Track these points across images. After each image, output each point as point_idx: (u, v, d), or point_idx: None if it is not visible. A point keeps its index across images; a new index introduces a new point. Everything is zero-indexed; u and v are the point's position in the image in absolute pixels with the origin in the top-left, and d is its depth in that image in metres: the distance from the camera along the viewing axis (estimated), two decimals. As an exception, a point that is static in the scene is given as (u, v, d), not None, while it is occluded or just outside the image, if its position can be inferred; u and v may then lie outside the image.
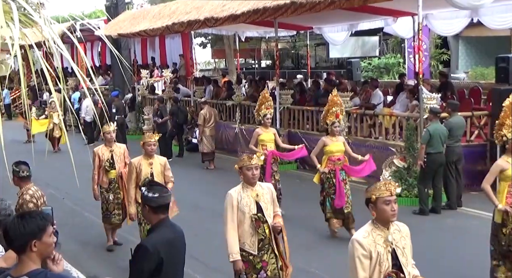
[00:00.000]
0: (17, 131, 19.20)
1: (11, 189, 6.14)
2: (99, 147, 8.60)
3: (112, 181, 8.45)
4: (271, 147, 9.91)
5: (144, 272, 3.81)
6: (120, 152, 8.50)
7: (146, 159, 7.29)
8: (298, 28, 18.88)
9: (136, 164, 7.26)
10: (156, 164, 7.30)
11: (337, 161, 8.64)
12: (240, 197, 5.17)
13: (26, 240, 3.09)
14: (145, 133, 7.60)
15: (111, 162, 8.37)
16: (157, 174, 7.21)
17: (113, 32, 18.68)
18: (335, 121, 8.68)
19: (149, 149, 7.28)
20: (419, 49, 11.35)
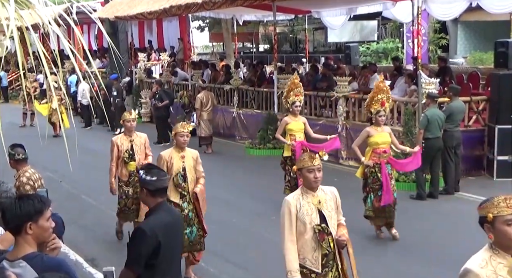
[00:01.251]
0: (14, 114, 19.14)
1: (11, 172, 6.12)
2: (118, 136, 7.90)
3: (131, 174, 7.71)
4: (300, 137, 9.19)
5: (141, 255, 3.81)
6: (141, 142, 7.77)
7: (178, 152, 6.44)
8: (296, 12, 18.76)
9: (167, 158, 6.40)
10: (188, 158, 6.47)
11: (382, 154, 7.87)
12: (300, 204, 4.36)
13: (21, 221, 3.08)
14: (177, 123, 6.68)
15: (130, 152, 7.68)
16: (189, 169, 6.44)
17: (110, 15, 18.53)
18: (380, 110, 7.88)
19: (182, 140, 6.42)
20: (418, 33, 11.30)
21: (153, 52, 24.06)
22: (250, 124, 15.30)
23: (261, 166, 12.62)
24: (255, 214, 9.36)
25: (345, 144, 12.50)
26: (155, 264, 3.86)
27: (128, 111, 7.90)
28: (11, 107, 21.58)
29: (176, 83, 18.71)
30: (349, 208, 8.81)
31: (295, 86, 9.39)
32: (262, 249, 7.76)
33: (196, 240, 6.53)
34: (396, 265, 7.18)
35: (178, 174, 6.37)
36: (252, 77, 16.70)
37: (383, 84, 8.15)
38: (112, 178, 7.80)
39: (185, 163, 6.43)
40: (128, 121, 7.72)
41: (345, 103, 12.60)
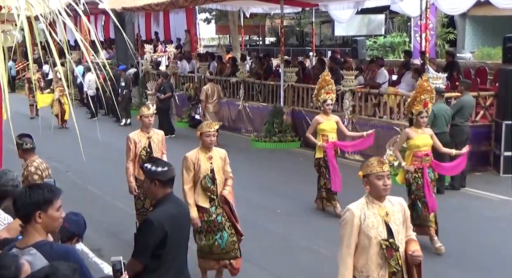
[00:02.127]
0: (20, 104, 19.18)
1: (18, 161, 6.14)
2: (135, 132, 7.36)
3: None
4: (333, 137, 8.69)
5: (149, 245, 3.83)
6: (158, 139, 7.32)
7: (205, 152, 5.88)
8: (303, 5, 18.68)
9: (194, 159, 5.84)
10: (216, 158, 5.92)
11: (424, 157, 7.35)
12: (364, 215, 3.92)
13: (31, 210, 3.12)
14: (203, 122, 6.14)
15: (148, 150, 7.19)
16: (217, 170, 5.90)
17: (117, 6, 18.50)
18: (422, 111, 7.38)
19: (208, 140, 5.86)
20: (426, 28, 11.24)
21: (160, 44, 24.04)
22: (256, 117, 15.29)
23: (267, 159, 12.62)
24: (260, 206, 9.37)
25: (352, 138, 12.45)
26: (162, 255, 3.87)
27: (146, 106, 7.37)
28: (18, 97, 21.61)
29: (183, 75, 18.71)
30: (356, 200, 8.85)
31: (326, 83, 8.86)
32: (266, 241, 7.78)
33: (229, 246, 5.99)
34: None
35: (206, 176, 5.84)
36: (259, 70, 16.67)
37: (427, 84, 7.60)
38: (131, 177, 7.23)
39: (213, 164, 5.89)
40: (146, 116, 7.23)
41: (351, 97, 12.57)
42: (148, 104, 7.43)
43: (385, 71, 13.88)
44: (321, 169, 8.75)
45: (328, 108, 8.73)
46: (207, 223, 5.89)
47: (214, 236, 5.92)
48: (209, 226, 5.90)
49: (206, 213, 5.88)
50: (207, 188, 5.85)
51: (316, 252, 7.35)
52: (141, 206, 7.24)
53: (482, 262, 6.97)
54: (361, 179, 4.06)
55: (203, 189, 5.86)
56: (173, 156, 11.59)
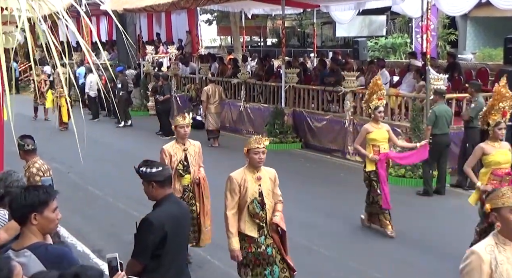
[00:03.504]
0: (24, 106, 19.20)
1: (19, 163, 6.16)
2: (170, 144, 6.67)
3: (185, 189, 6.63)
4: (385, 148, 7.88)
5: (148, 245, 3.84)
6: (195, 151, 6.65)
7: (252, 172, 5.10)
8: (305, 6, 18.70)
9: (240, 180, 5.05)
10: (265, 179, 5.15)
11: (505, 176, 6.45)
12: (496, 261, 3.16)
13: (26, 211, 3.12)
14: (250, 139, 5.19)
15: (185, 164, 6.55)
16: (267, 193, 5.11)
17: (118, 7, 18.53)
18: (501, 121, 6.62)
19: (257, 158, 5.04)
20: (427, 29, 11.24)
21: (161, 45, 24.09)
22: (257, 118, 15.30)
23: (268, 160, 12.58)
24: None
25: (353, 139, 12.48)
26: (162, 255, 3.88)
27: (182, 115, 6.67)
28: (21, 98, 21.65)
29: (184, 76, 18.73)
30: (355, 203, 8.85)
31: (378, 88, 8.12)
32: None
33: None
34: (403, 260, 7.18)
35: (254, 201, 5.05)
36: (260, 71, 16.68)
37: (506, 90, 6.80)
38: None
39: (262, 186, 5.10)
40: (182, 127, 6.55)
41: (352, 98, 12.57)
42: (184, 113, 6.95)
43: (386, 72, 13.90)
44: (372, 183, 7.84)
45: (380, 116, 7.95)
46: (255, 255, 5.11)
47: (263, 271, 5.13)
48: (257, 259, 5.12)
49: (254, 244, 5.10)
50: (255, 214, 5.07)
51: (316, 252, 7.36)
52: None
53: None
54: (363, 183, 4.00)
55: (251, 215, 5.07)
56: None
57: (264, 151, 5.12)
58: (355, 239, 7.92)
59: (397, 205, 9.39)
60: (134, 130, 16.78)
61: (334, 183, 10.83)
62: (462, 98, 11.17)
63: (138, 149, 13.32)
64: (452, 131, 10.37)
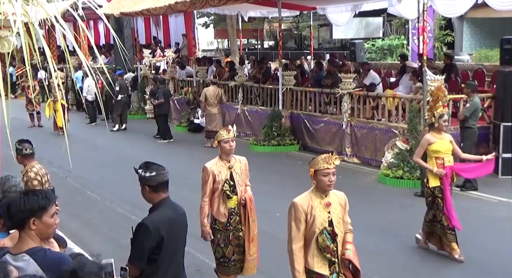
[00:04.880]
0: (20, 110, 19.17)
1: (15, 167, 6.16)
2: (212, 162, 5.77)
3: (232, 212, 5.77)
4: (450, 160, 7.13)
5: (145, 249, 3.84)
6: (241, 169, 5.81)
7: (320, 197, 4.35)
8: (301, 9, 18.73)
9: (306, 207, 4.31)
10: (335, 205, 4.39)
11: None
12: None
13: (25, 216, 3.11)
14: (318, 157, 4.45)
15: (231, 183, 5.71)
16: (337, 222, 4.36)
17: (115, 11, 18.54)
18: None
19: (327, 181, 4.29)
20: (424, 30, 11.26)
21: (158, 48, 24.10)
22: (254, 121, 15.31)
23: (266, 162, 12.62)
24: (259, 210, 9.30)
25: (350, 141, 12.50)
26: (158, 259, 3.88)
27: (225, 128, 5.81)
28: (18, 103, 21.61)
29: (181, 80, 18.74)
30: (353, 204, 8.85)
31: (442, 94, 7.56)
32: (265, 244, 7.76)
33: None
34: (400, 260, 7.19)
35: (324, 231, 4.28)
36: (257, 74, 16.70)
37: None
38: (205, 218, 5.74)
39: (332, 214, 4.35)
40: (226, 141, 5.67)
41: (349, 100, 12.59)
42: (227, 126, 5.94)
43: (374, 73, 13.92)
44: (437, 200, 7.12)
45: (444, 125, 7.19)
46: None
47: None
48: None
49: None
50: (325, 247, 4.28)
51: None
52: (221, 254, 5.78)
53: (481, 263, 6.98)
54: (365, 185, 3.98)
55: (320, 249, 4.29)
56: (173, 161, 11.67)
57: (335, 172, 4.33)
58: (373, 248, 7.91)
59: (395, 206, 9.41)
60: (132, 134, 16.78)
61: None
62: (458, 99, 11.19)
63: (136, 152, 13.31)
64: (449, 132, 10.36)
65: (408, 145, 10.74)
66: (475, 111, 10.07)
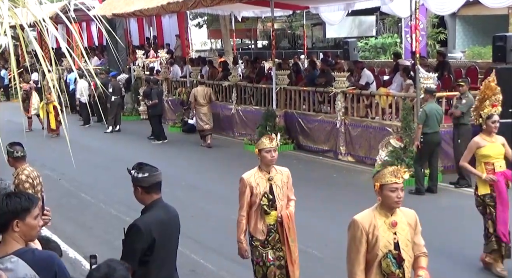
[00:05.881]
0: (14, 113, 19.10)
1: (6, 170, 6.13)
2: (250, 172, 5.25)
3: (271, 229, 5.20)
4: (501, 166, 6.42)
5: (136, 251, 3.81)
6: (283, 181, 5.25)
7: (385, 216, 3.88)
8: (294, 8, 18.74)
9: (367, 226, 3.83)
10: (402, 225, 3.89)
11: None
12: None
13: (7, 218, 3.08)
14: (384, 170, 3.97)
15: (270, 197, 5.15)
16: (405, 244, 3.85)
17: (107, 12, 18.49)
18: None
19: (394, 197, 3.82)
20: (416, 28, 11.28)
21: (151, 49, 24.06)
22: (248, 121, 15.30)
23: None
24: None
25: (344, 140, 12.50)
26: (150, 261, 3.86)
27: (268, 137, 5.22)
28: (11, 106, 21.56)
29: (175, 80, 18.71)
30: (347, 203, 8.86)
31: (492, 92, 6.86)
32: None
33: None
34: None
35: (388, 255, 3.79)
36: (251, 73, 16.69)
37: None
38: (242, 234, 5.21)
39: (398, 235, 3.84)
40: (268, 151, 5.12)
41: (343, 99, 12.60)
42: (271, 134, 5.38)
43: (367, 71, 13.92)
44: (488, 209, 6.44)
45: (494, 126, 6.44)
46: None
47: None
48: None
49: None
50: (390, 273, 3.79)
51: (310, 254, 7.35)
52: (261, 275, 5.26)
53: (478, 260, 6.99)
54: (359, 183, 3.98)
55: (384, 275, 3.82)
56: (167, 162, 11.64)
57: (403, 187, 3.84)
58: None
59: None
60: (126, 135, 16.74)
61: (326, 183, 10.83)
62: (452, 96, 11.21)
63: (130, 154, 13.27)
64: (443, 129, 10.42)
65: (402, 142, 10.75)
66: (470, 108, 10.09)
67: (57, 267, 3.09)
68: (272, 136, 5.21)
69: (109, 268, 2.84)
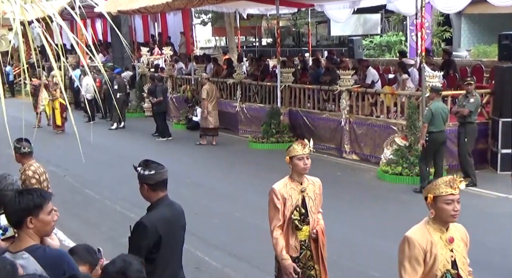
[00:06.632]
0: (19, 109, 19.09)
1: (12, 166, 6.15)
2: (282, 182, 4.72)
3: (302, 246, 4.70)
4: None
5: (142, 248, 3.81)
6: (315, 192, 4.76)
7: (441, 231, 3.56)
8: (299, 6, 18.71)
9: (424, 244, 3.50)
10: (458, 242, 3.62)
11: None
12: None
13: (21, 216, 3.12)
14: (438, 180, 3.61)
15: (302, 211, 4.63)
16: (461, 263, 3.63)
17: (112, 9, 18.51)
18: None
19: (451, 210, 3.50)
20: (422, 26, 11.26)
21: (156, 46, 24.08)
22: (253, 118, 15.30)
23: (264, 159, 12.61)
24: (258, 207, 9.32)
25: (349, 138, 12.49)
26: (156, 258, 3.87)
27: (300, 142, 4.70)
28: (16, 102, 21.59)
29: (179, 77, 18.72)
30: (352, 201, 8.86)
31: None
32: (265, 242, 7.76)
33: None
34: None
35: (447, 275, 3.50)
36: (255, 71, 16.69)
37: None
38: (283, 251, 4.60)
39: (455, 252, 3.57)
40: (301, 158, 4.60)
41: (348, 97, 12.58)
42: (303, 140, 4.73)
43: (372, 70, 13.89)
44: None
45: None
46: None
47: None
48: None
49: None
50: None
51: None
52: None
53: (481, 259, 6.97)
54: (364, 181, 3.90)
55: None
56: (172, 159, 11.65)
57: (459, 199, 3.50)
58: (352, 238, 7.92)
59: (394, 203, 9.41)
60: (130, 132, 16.77)
61: (330, 181, 10.80)
62: (457, 95, 11.18)
63: (135, 151, 13.31)
64: (448, 128, 10.39)
65: (407, 141, 10.74)
66: (476, 108, 10.12)
67: (67, 265, 3.10)
68: (304, 142, 4.69)
69: (125, 262, 2.86)
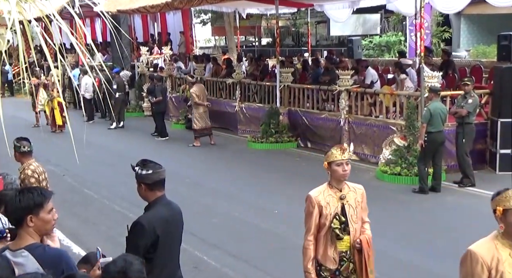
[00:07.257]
0: (18, 108, 19.14)
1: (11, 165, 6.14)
2: (319, 189, 4.49)
3: (343, 257, 4.38)
4: None
5: (139, 248, 3.81)
6: (357, 200, 4.43)
7: (510, 248, 3.27)
8: (299, 5, 18.71)
9: (490, 261, 3.24)
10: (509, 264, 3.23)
11: None
12: None
13: (21, 214, 3.12)
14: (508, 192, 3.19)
15: (342, 220, 4.33)
16: None
17: (112, 8, 18.49)
18: None
19: None
20: (421, 27, 11.27)
21: (155, 46, 24.09)
22: (252, 118, 15.30)
23: (264, 159, 12.62)
24: (257, 207, 9.37)
25: (348, 138, 12.49)
26: (154, 258, 3.86)
27: (339, 147, 4.43)
28: (16, 101, 21.61)
29: (179, 77, 18.72)
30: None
31: None
32: (264, 241, 7.78)
33: None
34: (400, 258, 7.19)
35: None
36: (255, 71, 16.69)
37: None
38: (310, 262, 4.40)
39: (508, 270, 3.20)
40: (339, 164, 4.36)
41: (347, 97, 12.58)
42: (342, 145, 4.71)
43: (372, 70, 13.89)
44: None
45: None
46: None
47: None
48: None
49: None
50: None
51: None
52: None
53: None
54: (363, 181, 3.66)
55: None
56: (171, 158, 11.66)
57: None
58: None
59: (393, 203, 9.42)
60: (129, 132, 16.77)
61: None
62: (456, 95, 11.18)
63: (134, 150, 13.30)
64: (447, 128, 10.39)
65: (406, 141, 10.74)
66: (475, 108, 10.13)
67: (65, 264, 3.11)
68: (344, 147, 4.44)
69: (126, 262, 2.88)
